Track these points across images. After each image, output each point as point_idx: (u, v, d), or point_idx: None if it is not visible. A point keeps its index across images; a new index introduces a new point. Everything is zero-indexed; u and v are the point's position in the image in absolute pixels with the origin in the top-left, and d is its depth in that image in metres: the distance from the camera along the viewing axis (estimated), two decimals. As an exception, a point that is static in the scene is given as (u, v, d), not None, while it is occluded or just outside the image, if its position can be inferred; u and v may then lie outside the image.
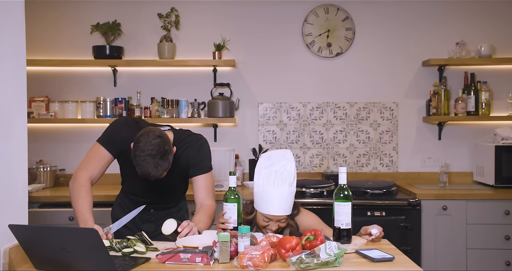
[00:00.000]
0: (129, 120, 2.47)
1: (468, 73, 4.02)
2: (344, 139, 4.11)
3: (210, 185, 2.43)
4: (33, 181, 3.80)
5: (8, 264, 1.82)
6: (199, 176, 2.40)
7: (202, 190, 2.40)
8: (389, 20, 4.10)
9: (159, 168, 2.14)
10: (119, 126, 2.42)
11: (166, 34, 3.96)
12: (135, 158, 2.13)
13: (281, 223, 2.26)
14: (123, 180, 2.57)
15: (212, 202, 2.42)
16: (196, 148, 2.41)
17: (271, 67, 4.11)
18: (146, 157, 2.11)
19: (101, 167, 2.36)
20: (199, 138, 2.46)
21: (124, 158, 2.41)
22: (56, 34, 4.06)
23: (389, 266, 1.83)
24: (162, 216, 2.49)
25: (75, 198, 2.25)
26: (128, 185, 2.54)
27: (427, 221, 3.53)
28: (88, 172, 2.32)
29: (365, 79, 4.11)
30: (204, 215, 2.33)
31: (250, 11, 4.10)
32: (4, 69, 1.87)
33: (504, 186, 3.69)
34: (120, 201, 2.58)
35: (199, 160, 2.41)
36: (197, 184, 2.42)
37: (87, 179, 2.30)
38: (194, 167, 2.40)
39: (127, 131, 2.36)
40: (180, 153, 2.38)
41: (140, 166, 2.13)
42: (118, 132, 2.38)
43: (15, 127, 1.93)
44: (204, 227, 2.27)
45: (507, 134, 3.79)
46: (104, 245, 1.63)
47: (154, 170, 2.13)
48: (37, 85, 3.98)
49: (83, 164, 2.35)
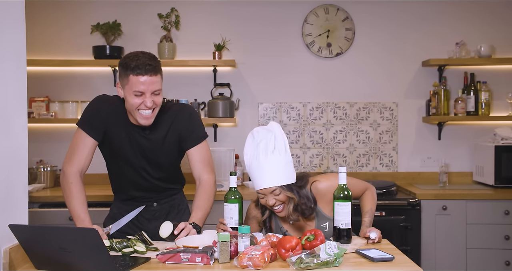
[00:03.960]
0: (110, 98, 2.32)
1: (467, 73, 4.02)
2: (344, 139, 4.11)
3: (207, 155, 2.31)
4: (33, 181, 3.81)
5: (8, 264, 1.82)
6: (194, 147, 2.29)
7: (198, 162, 2.29)
8: (389, 21, 4.10)
9: (154, 61, 2.12)
10: (97, 104, 2.28)
11: (166, 34, 3.96)
12: (126, 59, 2.10)
13: (276, 196, 2.12)
14: (111, 175, 2.40)
15: (210, 175, 2.30)
16: (186, 117, 2.29)
17: (271, 67, 4.11)
18: (137, 53, 2.13)
19: (87, 155, 2.23)
20: (184, 105, 2.37)
21: (107, 143, 2.27)
22: (56, 34, 4.06)
23: (389, 266, 1.83)
24: (167, 209, 2.41)
25: (67, 197, 2.20)
26: (116, 177, 2.37)
27: (427, 221, 3.53)
28: (75, 165, 2.21)
29: (365, 79, 4.12)
30: (203, 198, 2.25)
31: (250, 11, 4.10)
32: (5, 69, 1.87)
33: (503, 186, 3.69)
34: (116, 211, 2.41)
35: (191, 131, 2.29)
36: (193, 157, 2.30)
37: (76, 174, 2.20)
38: (187, 139, 2.28)
39: (108, 106, 2.25)
40: (170, 123, 2.27)
41: (135, 60, 2.09)
42: (97, 111, 2.24)
43: (15, 127, 1.93)
44: (204, 214, 2.22)
45: (507, 134, 3.79)
46: (104, 245, 1.63)
47: (149, 60, 2.10)
48: (37, 85, 3.98)
49: (69, 156, 2.23)
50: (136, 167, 2.29)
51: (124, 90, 2.16)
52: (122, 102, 2.25)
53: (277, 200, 2.13)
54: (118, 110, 2.25)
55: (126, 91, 2.15)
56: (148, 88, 2.12)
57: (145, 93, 2.12)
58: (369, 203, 2.29)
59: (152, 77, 2.12)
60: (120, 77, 2.17)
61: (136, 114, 2.17)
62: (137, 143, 2.26)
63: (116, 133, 2.25)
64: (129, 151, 2.26)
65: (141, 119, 2.18)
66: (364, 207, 2.29)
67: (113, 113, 2.24)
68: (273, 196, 2.12)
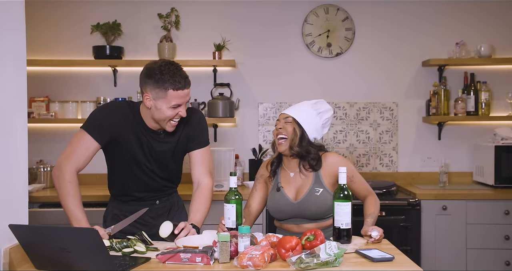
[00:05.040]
0: (119, 103, 2.33)
1: (467, 73, 4.02)
2: (344, 139, 4.11)
3: (209, 160, 2.39)
4: (33, 181, 3.81)
5: (8, 264, 1.82)
6: (197, 150, 2.36)
7: (200, 165, 2.36)
8: (389, 20, 4.11)
9: (185, 73, 2.19)
10: (107, 111, 2.29)
11: (166, 34, 3.96)
12: (162, 74, 2.13)
13: (286, 124, 2.39)
14: (114, 177, 2.39)
15: (210, 179, 2.37)
16: (196, 120, 2.37)
17: (271, 67, 4.11)
18: (168, 66, 2.16)
19: (87, 157, 2.23)
20: (195, 110, 2.43)
21: (114, 147, 2.28)
22: (56, 34, 4.06)
23: (389, 266, 1.84)
24: (168, 207, 2.45)
25: (64, 195, 2.17)
26: (121, 178, 2.36)
27: (427, 221, 3.53)
28: (74, 164, 2.19)
29: (365, 79, 4.12)
30: (202, 202, 2.30)
31: (250, 11, 4.10)
32: (5, 69, 1.87)
33: (503, 186, 3.69)
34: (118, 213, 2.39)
35: (198, 133, 2.37)
36: (196, 159, 2.36)
37: (73, 173, 2.19)
38: (193, 140, 2.35)
39: (117, 114, 2.26)
40: (182, 127, 2.34)
41: (171, 74, 2.13)
42: (107, 118, 2.24)
43: (15, 127, 1.93)
44: (202, 216, 2.27)
45: (507, 134, 3.79)
46: (104, 245, 1.63)
47: (184, 73, 2.18)
48: (37, 85, 3.98)
49: (68, 153, 2.21)
50: (146, 169, 2.33)
51: (157, 103, 2.18)
52: (131, 107, 2.30)
53: (284, 128, 2.39)
54: (128, 116, 2.27)
55: (161, 104, 2.17)
56: (185, 100, 2.20)
57: (182, 105, 2.20)
58: (373, 206, 2.39)
59: (188, 90, 2.21)
60: (151, 89, 2.17)
61: (166, 124, 2.23)
62: (151, 147, 2.30)
63: (126, 139, 2.26)
64: (140, 155, 2.29)
65: (170, 128, 2.24)
66: (368, 210, 2.38)
67: (123, 120, 2.25)
68: (284, 123, 2.40)
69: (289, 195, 2.40)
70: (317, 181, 2.38)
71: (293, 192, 2.41)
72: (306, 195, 2.36)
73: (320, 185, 2.37)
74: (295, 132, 2.37)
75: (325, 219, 2.38)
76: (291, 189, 2.42)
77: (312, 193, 2.35)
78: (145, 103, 2.20)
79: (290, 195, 2.39)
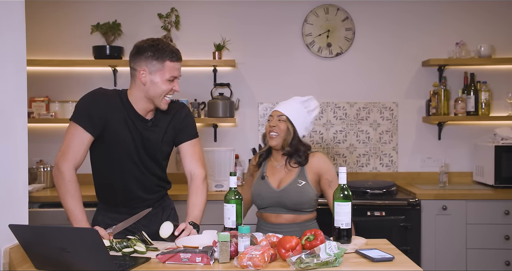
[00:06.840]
0: (105, 89, 2.29)
1: (467, 73, 4.02)
2: (344, 139, 4.12)
3: (199, 151, 2.39)
4: (33, 181, 3.81)
5: (8, 264, 1.82)
6: (187, 142, 2.36)
7: (191, 157, 2.35)
8: (389, 20, 4.11)
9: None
10: (95, 97, 2.23)
11: (166, 34, 3.96)
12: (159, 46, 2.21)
13: (280, 122, 2.50)
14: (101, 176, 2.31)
15: (202, 169, 2.35)
16: (183, 114, 2.39)
17: (271, 67, 4.11)
18: (161, 40, 2.28)
19: (84, 151, 2.18)
20: (182, 104, 2.45)
21: (104, 135, 2.21)
22: (56, 34, 4.06)
23: (389, 266, 1.84)
24: (161, 212, 2.41)
25: (63, 195, 2.14)
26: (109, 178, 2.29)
27: (427, 221, 3.53)
28: (71, 160, 2.15)
29: (365, 79, 4.12)
30: (197, 195, 2.29)
31: (250, 11, 4.10)
32: (5, 69, 1.87)
33: (503, 186, 3.69)
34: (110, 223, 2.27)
35: (186, 125, 2.37)
36: (186, 152, 2.36)
37: (72, 171, 2.15)
38: (181, 132, 2.35)
39: (107, 99, 2.23)
40: (170, 119, 2.33)
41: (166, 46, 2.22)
42: (95, 105, 2.19)
43: (15, 127, 1.93)
44: (200, 210, 2.27)
45: (507, 134, 3.79)
46: (104, 245, 1.63)
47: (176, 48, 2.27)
48: (37, 85, 3.98)
49: (63, 151, 2.16)
50: (135, 158, 2.27)
51: (154, 76, 2.20)
52: (119, 92, 2.29)
53: (277, 126, 2.50)
54: (117, 102, 2.25)
55: (158, 77, 2.21)
56: (179, 74, 2.28)
57: (176, 79, 2.26)
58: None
59: (181, 65, 2.30)
60: (148, 62, 2.20)
61: (160, 100, 2.24)
62: (140, 134, 2.26)
63: (116, 125, 2.22)
64: (130, 142, 2.25)
65: (164, 105, 2.26)
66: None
67: (112, 105, 2.23)
68: (277, 121, 2.51)
69: (272, 184, 2.52)
70: (301, 175, 2.51)
71: (277, 181, 2.52)
72: (288, 184, 2.48)
73: (304, 178, 2.49)
74: (288, 131, 2.49)
75: (304, 212, 2.48)
76: (275, 178, 2.54)
77: (294, 184, 2.48)
78: (140, 79, 2.21)
79: (273, 184, 2.52)
